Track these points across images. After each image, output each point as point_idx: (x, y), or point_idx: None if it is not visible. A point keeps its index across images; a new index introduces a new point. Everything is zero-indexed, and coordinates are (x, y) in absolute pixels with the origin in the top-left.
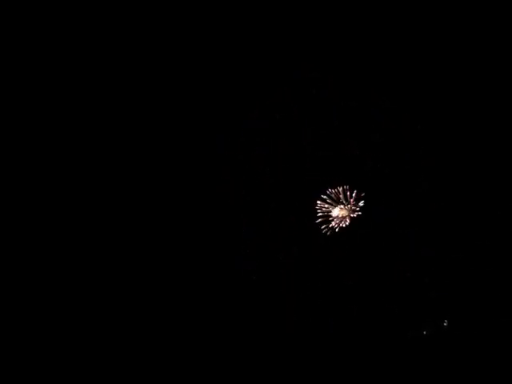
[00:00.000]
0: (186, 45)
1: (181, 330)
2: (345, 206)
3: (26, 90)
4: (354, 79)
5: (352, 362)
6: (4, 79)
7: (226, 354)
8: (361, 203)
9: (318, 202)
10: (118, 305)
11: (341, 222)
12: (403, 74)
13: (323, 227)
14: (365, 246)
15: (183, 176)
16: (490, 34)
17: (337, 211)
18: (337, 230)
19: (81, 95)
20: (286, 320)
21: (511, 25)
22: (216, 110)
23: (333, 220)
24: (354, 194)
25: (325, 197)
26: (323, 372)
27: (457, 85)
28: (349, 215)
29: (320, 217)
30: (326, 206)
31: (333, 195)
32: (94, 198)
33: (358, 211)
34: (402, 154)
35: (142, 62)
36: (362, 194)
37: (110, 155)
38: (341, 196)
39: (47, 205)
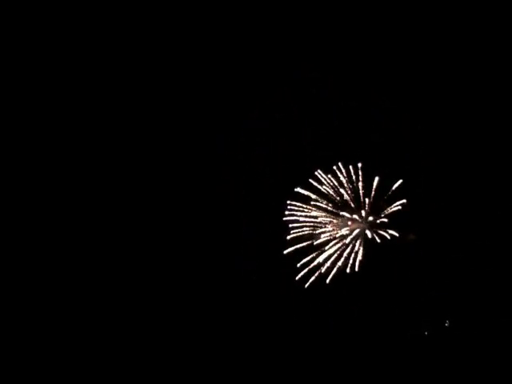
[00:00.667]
0: (187, 45)
1: (181, 329)
2: (353, 212)
3: (26, 90)
4: (354, 79)
5: (352, 362)
6: (4, 79)
7: (226, 353)
8: (394, 207)
9: (296, 205)
10: (118, 304)
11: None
12: (403, 73)
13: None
14: (365, 246)
15: (183, 176)
16: (489, 35)
17: (332, 224)
18: (335, 271)
19: (81, 95)
20: (286, 320)
21: (511, 25)
22: (216, 109)
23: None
24: (374, 187)
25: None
26: (323, 372)
27: (457, 85)
28: (363, 232)
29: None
30: (319, 215)
31: (328, 187)
32: (95, 198)
33: (381, 225)
34: (401, 154)
35: (143, 63)
36: (399, 182)
37: (111, 155)
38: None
39: (47, 204)
